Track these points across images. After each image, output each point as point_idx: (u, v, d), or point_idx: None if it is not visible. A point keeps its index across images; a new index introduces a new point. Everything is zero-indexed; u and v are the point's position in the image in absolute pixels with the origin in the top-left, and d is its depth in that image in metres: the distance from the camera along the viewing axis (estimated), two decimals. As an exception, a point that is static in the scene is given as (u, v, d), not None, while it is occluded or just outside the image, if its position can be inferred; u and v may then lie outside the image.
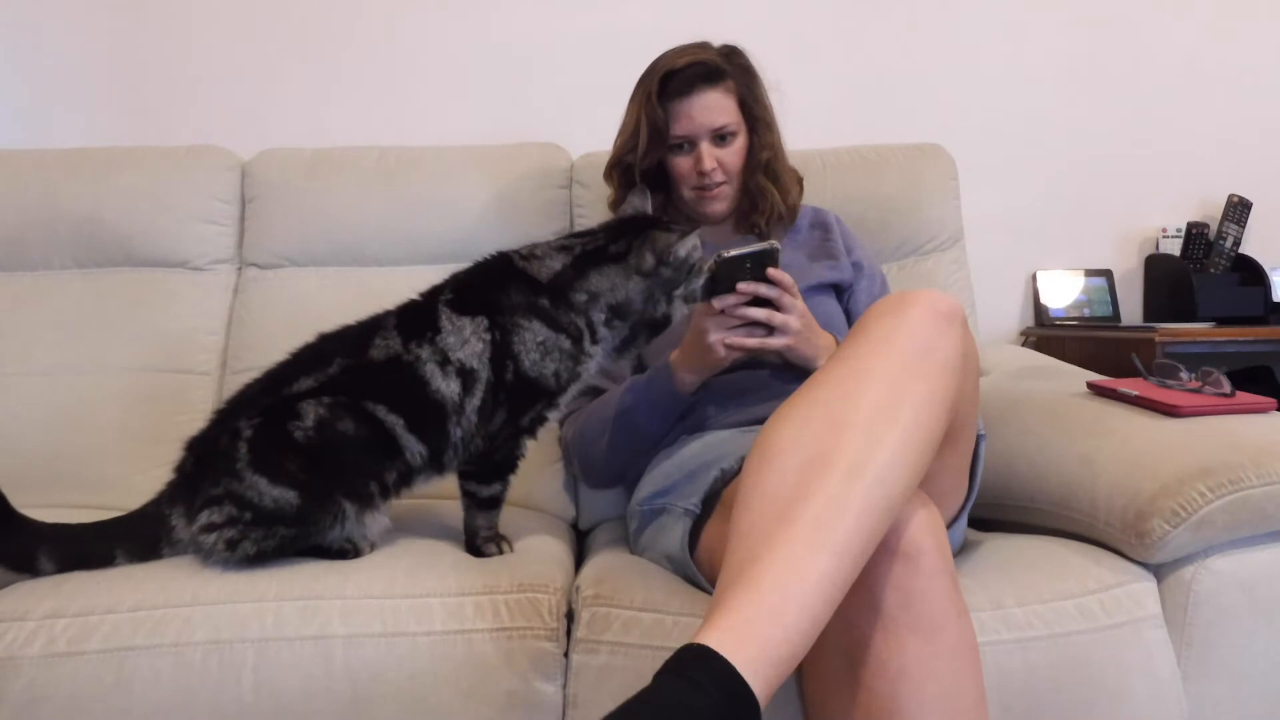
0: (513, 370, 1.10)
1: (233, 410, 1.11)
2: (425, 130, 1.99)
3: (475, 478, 1.15)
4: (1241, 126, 2.20)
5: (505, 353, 1.10)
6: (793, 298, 1.17)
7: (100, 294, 1.69)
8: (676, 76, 1.38)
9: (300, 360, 1.12)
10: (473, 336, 1.10)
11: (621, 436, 1.31)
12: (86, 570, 1.10)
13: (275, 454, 1.04)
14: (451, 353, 1.09)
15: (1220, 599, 1.05)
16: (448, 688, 0.99)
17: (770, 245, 1.14)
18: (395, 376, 1.08)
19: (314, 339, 1.15)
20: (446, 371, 1.08)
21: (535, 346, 1.11)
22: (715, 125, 1.39)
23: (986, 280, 1.94)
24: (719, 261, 1.13)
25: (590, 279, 1.13)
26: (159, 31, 2.09)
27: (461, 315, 1.11)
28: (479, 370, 1.09)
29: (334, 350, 1.11)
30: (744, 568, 0.77)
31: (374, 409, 1.07)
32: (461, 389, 1.09)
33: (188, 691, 0.97)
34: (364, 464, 1.07)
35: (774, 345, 1.18)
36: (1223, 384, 1.21)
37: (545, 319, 1.11)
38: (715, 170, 1.40)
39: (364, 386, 1.08)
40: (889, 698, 0.82)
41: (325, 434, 1.05)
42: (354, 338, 1.12)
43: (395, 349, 1.09)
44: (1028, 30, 2.18)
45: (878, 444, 0.82)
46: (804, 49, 2.11)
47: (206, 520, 1.06)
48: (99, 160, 1.76)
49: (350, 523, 1.07)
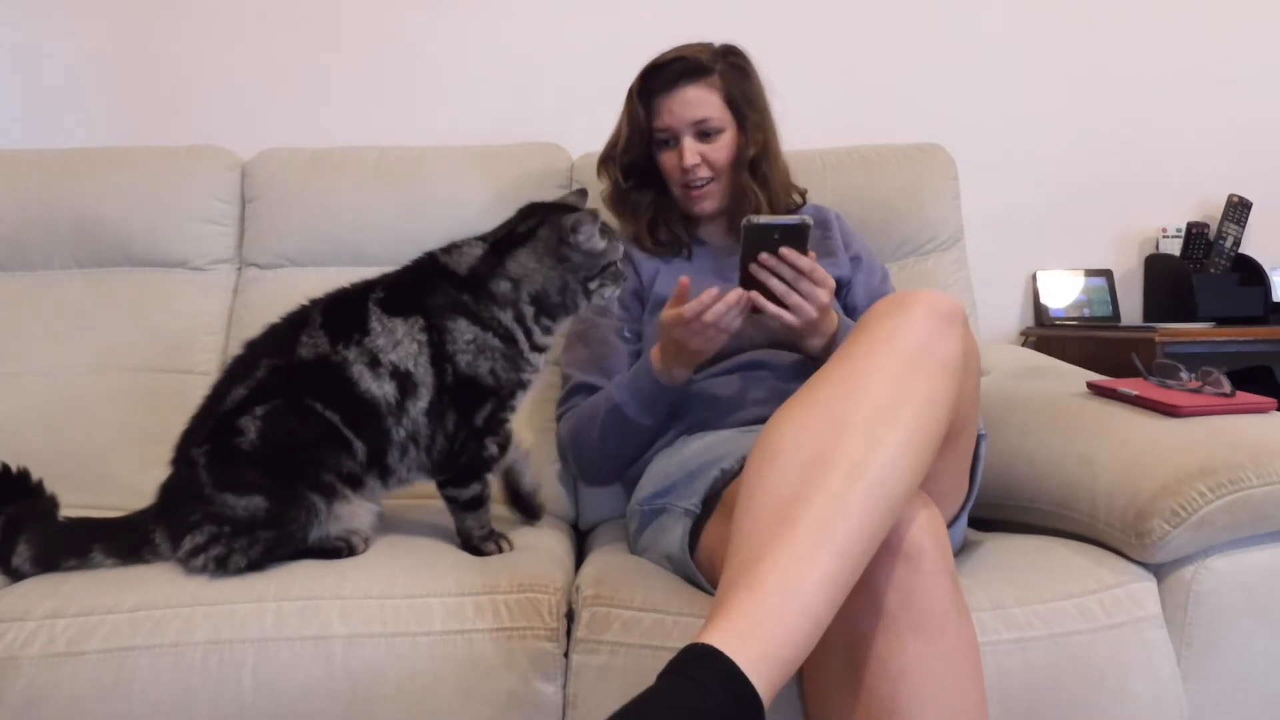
0: (452, 372, 1.12)
1: (185, 443, 1.13)
2: (425, 130, 1.99)
3: (452, 483, 1.16)
4: (1241, 126, 2.20)
5: (442, 354, 1.12)
6: (813, 284, 1.16)
7: (100, 294, 1.69)
8: (659, 72, 1.39)
9: (230, 373, 1.14)
10: (405, 338, 1.11)
11: (613, 432, 1.31)
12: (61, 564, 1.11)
13: (232, 469, 1.06)
14: (382, 354, 1.10)
15: (1220, 599, 1.06)
16: (448, 688, 0.99)
17: (803, 220, 1.16)
18: (325, 376, 1.09)
19: (242, 348, 1.17)
20: (378, 373, 1.10)
21: (466, 346, 1.12)
22: (695, 119, 1.39)
23: (986, 280, 1.94)
24: (748, 226, 1.14)
25: (506, 265, 1.15)
26: (159, 31, 2.09)
27: (393, 316, 1.12)
28: (416, 373, 1.11)
29: (260, 352, 1.14)
30: (746, 568, 0.77)
31: (313, 404, 1.08)
32: (398, 391, 1.10)
33: (188, 691, 0.97)
34: (317, 457, 1.08)
35: (787, 320, 1.18)
36: (1223, 384, 1.21)
37: (469, 316, 1.13)
38: (699, 166, 1.40)
39: (296, 384, 1.09)
40: (889, 698, 0.82)
41: (269, 439, 1.07)
42: (280, 337, 1.14)
43: (323, 349, 1.11)
44: (1028, 30, 2.18)
45: (879, 444, 0.82)
46: (804, 49, 2.11)
47: (191, 544, 1.06)
48: (99, 160, 1.76)
49: (325, 516, 1.08)
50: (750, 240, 1.15)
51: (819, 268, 1.17)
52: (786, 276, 1.16)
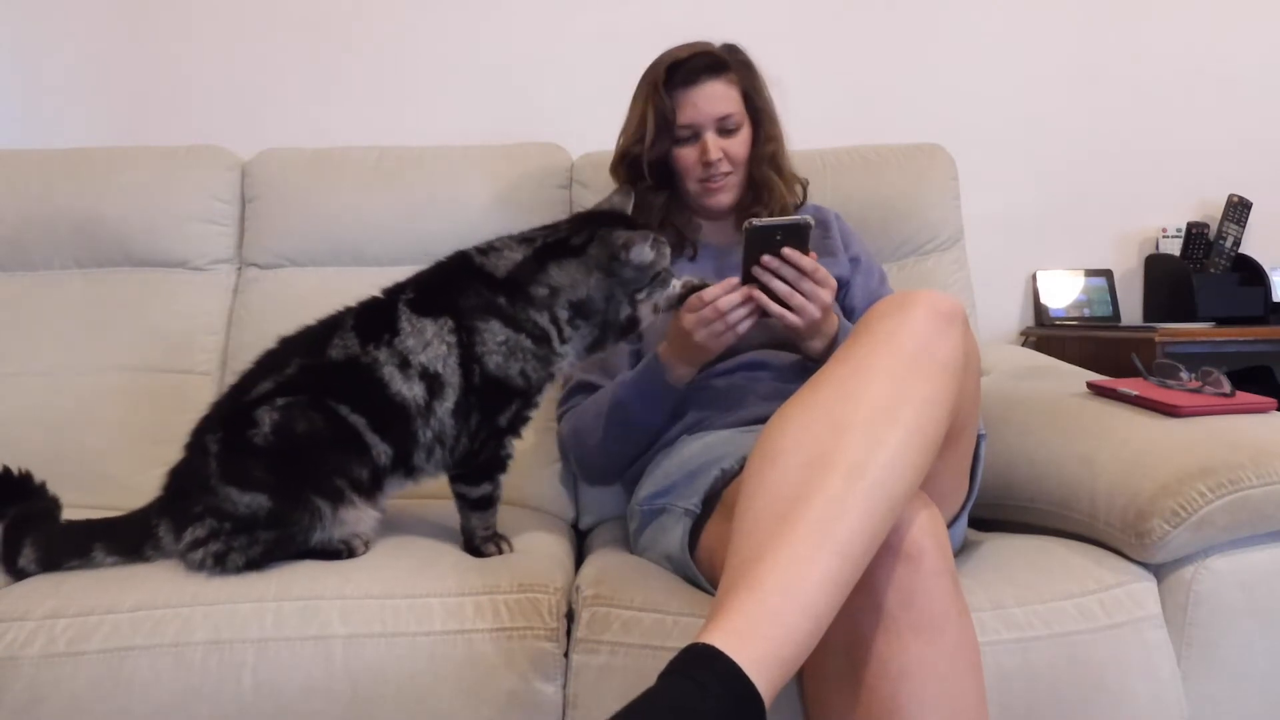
0: (479, 373, 1.11)
1: (202, 428, 1.12)
2: (425, 130, 1.99)
3: (464, 479, 1.15)
4: (1241, 126, 2.20)
5: (470, 355, 1.11)
6: (815, 284, 1.16)
7: (100, 294, 1.69)
8: (682, 67, 1.39)
9: (261, 365, 1.13)
10: (435, 339, 1.10)
11: (616, 431, 1.31)
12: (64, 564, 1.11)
13: (240, 462, 1.05)
14: (412, 355, 1.09)
15: (1220, 599, 1.06)
16: (448, 688, 0.99)
17: (804, 219, 1.16)
18: (354, 377, 1.08)
19: (275, 343, 1.16)
20: (407, 374, 1.09)
21: (497, 348, 1.11)
22: (720, 114, 1.39)
23: (986, 280, 1.94)
24: (749, 229, 1.14)
25: (550, 272, 1.14)
26: (159, 31, 2.09)
27: (423, 317, 1.11)
28: (444, 374, 1.10)
29: (293, 351, 1.13)
30: (747, 568, 0.77)
31: (336, 407, 1.07)
32: (426, 392, 1.09)
33: (188, 691, 0.97)
34: (330, 461, 1.07)
35: (791, 321, 1.18)
36: (1223, 384, 1.21)
37: (503, 318, 1.12)
38: (721, 160, 1.40)
39: (324, 386, 1.08)
40: (890, 698, 0.82)
41: (283, 435, 1.05)
42: (313, 338, 1.13)
43: (353, 350, 1.10)
44: (1028, 30, 2.18)
45: (879, 444, 0.82)
46: (805, 49, 2.11)
47: (191, 537, 1.06)
48: (99, 160, 1.76)
49: (329, 521, 1.07)
50: (752, 242, 1.15)
51: (821, 267, 1.17)
52: (789, 277, 1.16)
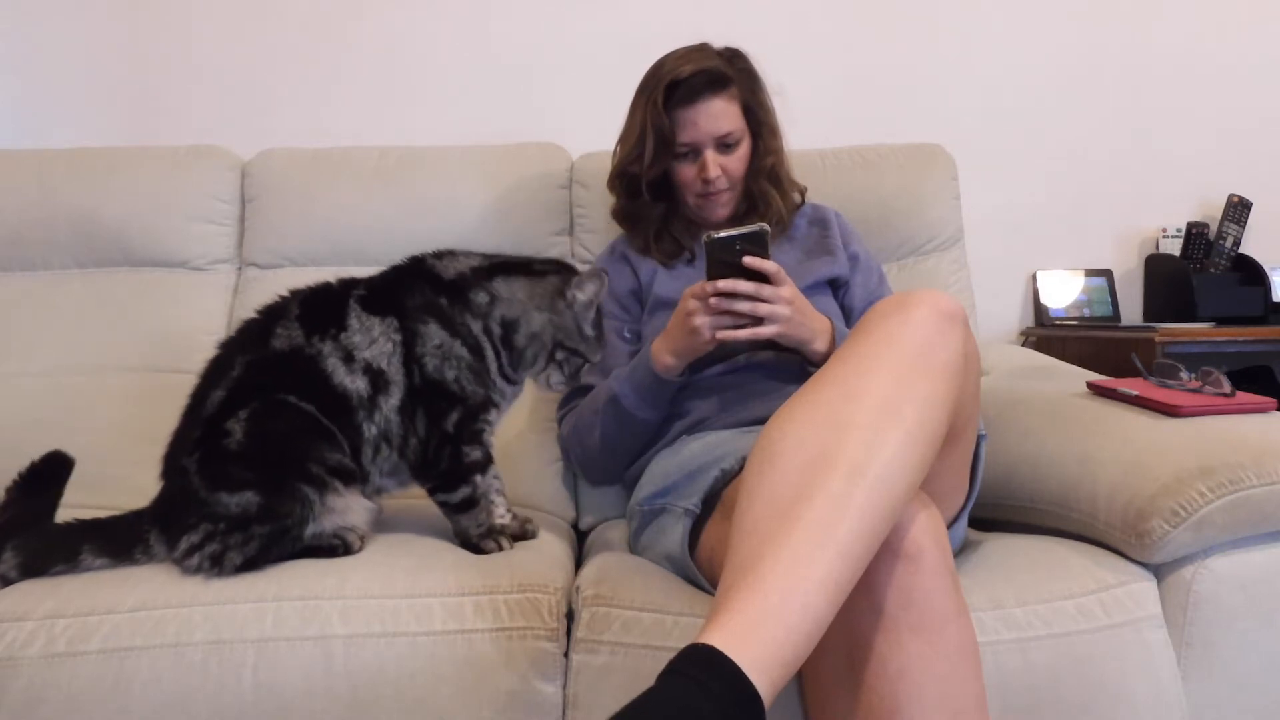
0: (419, 373, 1.13)
1: (174, 453, 1.13)
2: (425, 130, 1.99)
3: (440, 489, 1.17)
4: (1241, 126, 2.20)
5: (411, 355, 1.13)
6: (777, 285, 1.17)
7: (100, 294, 1.69)
8: (683, 85, 1.36)
9: (207, 376, 1.15)
10: (381, 337, 1.13)
11: (612, 426, 1.32)
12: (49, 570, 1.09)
13: (222, 469, 1.07)
14: (357, 351, 1.11)
15: (1220, 599, 1.05)
16: (448, 688, 0.99)
17: (760, 227, 1.16)
18: (298, 368, 1.10)
19: (217, 349, 1.17)
20: (351, 368, 1.11)
21: (434, 350, 1.14)
22: (720, 133, 1.38)
23: (986, 280, 1.94)
24: (709, 242, 1.15)
25: (495, 282, 1.17)
26: (159, 31, 2.09)
27: (372, 315, 1.13)
28: (389, 371, 1.12)
29: (235, 350, 1.15)
30: (747, 568, 0.77)
31: (286, 398, 1.09)
32: (370, 386, 1.11)
33: (188, 691, 0.97)
34: (302, 447, 1.08)
35: (764, 334, 1.18)
36: (1223, 384, 1.21)
37: (441, 319, 1.14)
38: (720, 177, 1.40)
39: (271, 379, 1.10)
40: (889, 697, 0.82)
41: (254, 436, 1.07)
42: (254, 331, 1.15)
43: (298, 341, 1.12)
44: (1028, 30, 2.19)
45: (880, 444, 0.82)
46: (804, 49, 2.11)
47: (186, 545, 1.06)
48: (99, 160, 1.76)
49: (318, 509, 1.08)
50: (713, 255, 1.15)
51: (780, 270, 1.17)
52: (748, 292, 1.16)
